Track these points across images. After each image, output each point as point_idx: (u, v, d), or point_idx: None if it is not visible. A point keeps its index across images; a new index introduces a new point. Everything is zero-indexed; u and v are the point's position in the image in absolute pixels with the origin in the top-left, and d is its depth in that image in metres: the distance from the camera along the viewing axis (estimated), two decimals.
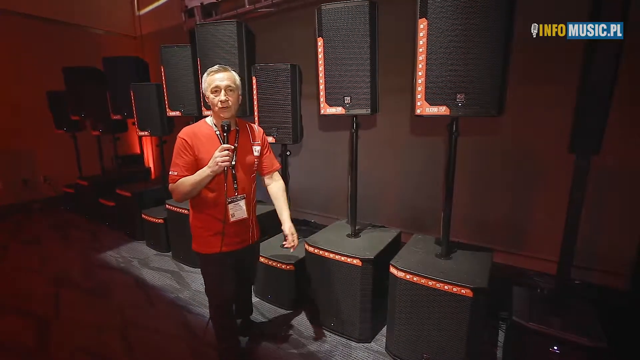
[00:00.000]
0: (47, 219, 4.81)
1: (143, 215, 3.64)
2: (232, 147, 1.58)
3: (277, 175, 1.94)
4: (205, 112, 2.88)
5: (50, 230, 4.37)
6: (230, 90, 1.59)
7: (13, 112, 4.94)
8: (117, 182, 4.40)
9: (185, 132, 1.63)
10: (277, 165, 1.94)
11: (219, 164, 1.50)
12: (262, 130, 1.87)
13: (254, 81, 2.37)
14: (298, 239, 1.85)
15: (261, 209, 3.06)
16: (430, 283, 1.74)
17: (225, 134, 1.58)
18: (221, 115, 1.61)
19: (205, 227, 1.71)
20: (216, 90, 1.57)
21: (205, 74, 1.62)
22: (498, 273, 2.03)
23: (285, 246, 1.84)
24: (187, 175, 1.58)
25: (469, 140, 2.51)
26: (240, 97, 1.68)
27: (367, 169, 3.07)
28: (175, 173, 1.59)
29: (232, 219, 1.69)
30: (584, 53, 1.48)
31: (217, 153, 1.51)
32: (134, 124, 3.70)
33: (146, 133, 3.56)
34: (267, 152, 1.87)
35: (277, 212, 1.90)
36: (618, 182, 2.23)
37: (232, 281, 1.81)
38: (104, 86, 4.06)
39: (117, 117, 3.99)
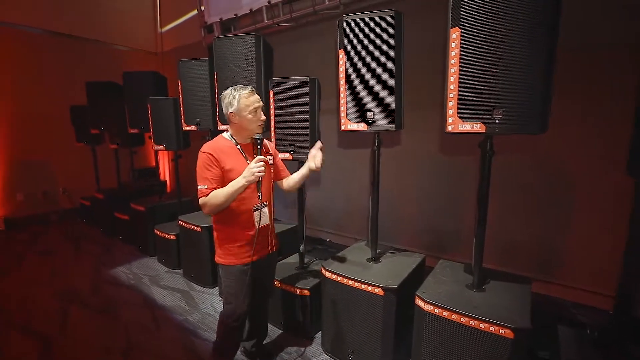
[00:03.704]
0: (63, 231, 4.83)
1: (155, 231, 3.57)
2: (266, 158, 1.68)
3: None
4: (221, 127, 2.81)
5: (64, 242, 4.37)
6: (262, 110, 1.75)
7: (38, 125, 5.07)
8: (133, 195, 4.38)
9: (209, 147, 1.68)
10: (288, 172, 2.02)
11: (256, 174, 1.59)
12: (272, 143, 2.00)
13: (272, 95, 2.28)
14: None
15: (277, 228, 2.93)
16: (463, 320, 1.55)
17: (259, 147, 1.66)
18: (257, 132, 1.73)
19: (231, 238, 1.75)
20: (255, 110, 1.70)
21: (237, 96, 1.67)
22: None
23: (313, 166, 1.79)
24: (217, 188, 1.63)
25: (497, 157, 2.35)
26: None
27: (387, 187, 2.92)
28: (205, 187, 1.63)
29: (258, 226, 1.74)
30: None
31: (252, 164, 1.60)
32: (150, 137, 3.69)
33: (162, 147, 3.53)
34: (278, 160, 1.98)
35: (299, 174, 1.91)
36: None
37: (249, 295, 1.81)
38: (123, 100, 4.10)
39: (134, 130, 3.99)
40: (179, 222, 3.19)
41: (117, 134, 4.44)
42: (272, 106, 2.30)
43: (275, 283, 2.37)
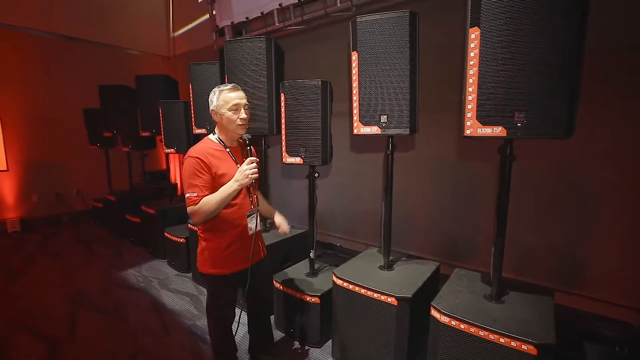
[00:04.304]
0: (75, 233, 4.89)
1: (165, 234, 3.57)
2: (258, 159, 1.61)
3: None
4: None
5: (76, 244, 4.41)
6: (246, 107, 1.64)
7: (52, 128, 5.17)
8: (144, 198, 4.41)
9: (197, 152, 1.58)
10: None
11: (249, 176, 1.53)
12: (254, 150, 1.87)
13: (282, 98, 2.25)
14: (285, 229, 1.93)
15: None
16: (482, 333, 1.47)
17: (248, 148, 1.61)
18: (239, 132, 1.64)
19: (223, 247, 1.66)
20: (236, 107, 1.60)
21: (217, 92, 1.62)
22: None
23: (279, 232, 1.91)
24: (208, 195, 1.53)
25: (515, 161, 2.27)
26: None
27: (400, 192, 2.85)
28: (195, 194, 1.52)
29: (250, 232, 1.69)
30: None
31: (245, 166, 1.53)
32: (161, 141, 3.70)
33: (172, 150, 3.53)
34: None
35: (266, 211, 1.98)
36: None
37: (235, 306, 1.80)
38: (135, 103, 4.13)
39: (146, 133, 4.02)
40: (189, 225, 3.17)
41: (129, 137, 4.48)
42: (283, 109, 2.27)
43: (285, 289, 2.32)
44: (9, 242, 4.46)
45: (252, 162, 1.54)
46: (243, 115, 1.60)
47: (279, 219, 1.91)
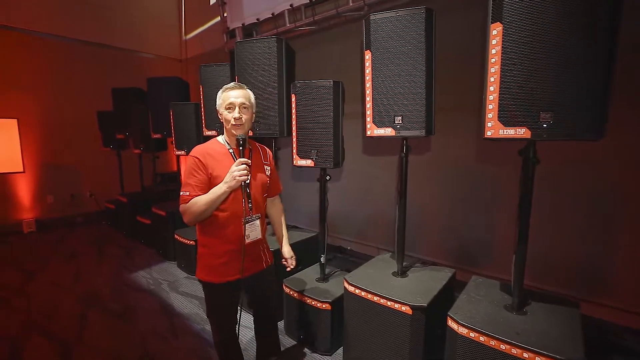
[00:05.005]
0: (88, 234, 4.94)
1: (175, 236, 3.56)
2: (249, 161, 1.51)
3: (277, 199, 1.91)
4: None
5: (88, 245, 4.45)
6: (245, 107, 1.56)
7: (67, 130, 5.27)
8: (155, 199, 4.42)
9: (197, 151, 1.56)
10: (281, 188, 1.91)
11: (237, 178, 1.43)
12: (270, 152, 1.83)
13: (293, 99, 2.20)
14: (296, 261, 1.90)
15: (297, 236, 2.86)
16: (503, 347, 1.39)
17: (241, 148, 1.51)
18: (234, 132, 1.55)
19: (215, 254, 1.59)
20: (230, 107, 1.53)
21: (220, 91, 1.59)
22: None
23: (287, 267, 1.86)
24: (200, 195, 1.48)
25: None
26: (254, 115, 1.65)
27: (413, 196, 2.77)
28: (187, 193, 1.49)
29: (247, 240, 1.59)
30: None
31: (234, 167, 1.45)
32: (172, 143, 3.70)
33: (183, 152, 3.53)
34: (274, 174, 1.82)
35: (276, 235, 1.92)
36: None
37: (236, 313, 1.70)
38: (147, 106, 4.16)
39: (157, 136, 4.03)
40: None
41: (141, 139, 4.51)
42: (294, 110, 2.22)
43: (295, 295, 2.27)
44: (25, 242, 4.55)
45: (242, 164, 1.44)
46: (236, 114, 1.52)
47: (286, 250, 1.86)
